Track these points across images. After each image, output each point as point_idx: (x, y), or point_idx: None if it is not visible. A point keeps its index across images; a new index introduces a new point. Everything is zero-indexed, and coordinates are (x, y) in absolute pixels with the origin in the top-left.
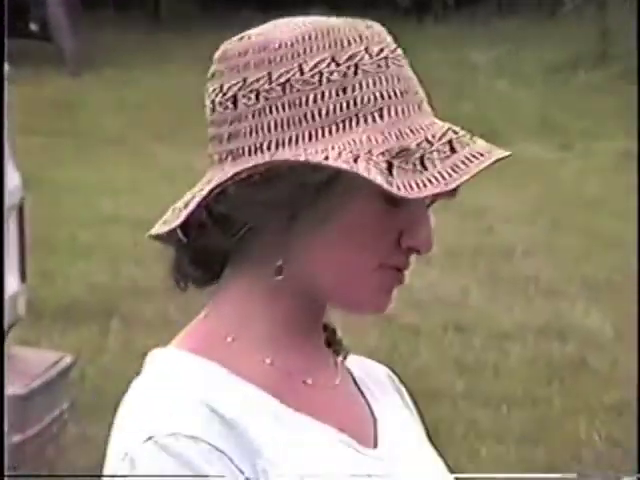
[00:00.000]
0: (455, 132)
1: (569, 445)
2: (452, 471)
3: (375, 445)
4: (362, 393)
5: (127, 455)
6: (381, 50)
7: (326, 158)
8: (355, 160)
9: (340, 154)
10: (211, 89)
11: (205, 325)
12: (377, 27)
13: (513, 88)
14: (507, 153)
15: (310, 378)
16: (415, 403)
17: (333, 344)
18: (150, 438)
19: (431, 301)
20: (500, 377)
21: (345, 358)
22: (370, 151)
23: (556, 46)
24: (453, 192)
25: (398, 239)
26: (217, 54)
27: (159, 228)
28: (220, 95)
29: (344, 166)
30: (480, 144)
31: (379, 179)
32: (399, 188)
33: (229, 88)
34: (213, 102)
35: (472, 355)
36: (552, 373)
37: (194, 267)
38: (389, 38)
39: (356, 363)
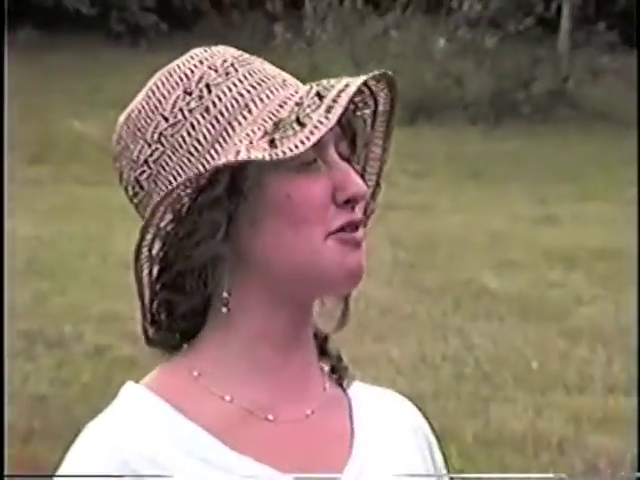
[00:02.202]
0: (319, 84)
1: None
2: None
3: None
4: (352, 425)
5: None
6: (224, 61)
7: (199, 174)
8: (236, 155)
9: (226, 159)
10: (119, 181)
11: (181, 359)
12: (217, 47)
13: None
14: (374, 73)
15: (272, 413)
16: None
17: (337, 371)
18: None
19: None
20: None
21: (346, 387)
22: (250, 142)
23: None
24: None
25: (333, 201)
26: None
27: None
28: (125, 184)
29: (221, 162)
30: (346, 79)
31: (260, 156)
32: (285, 152)
33: (128, 174)
34: (127, 188)
35: None
36: None
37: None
38: (231, 50)
39: (369, 394)
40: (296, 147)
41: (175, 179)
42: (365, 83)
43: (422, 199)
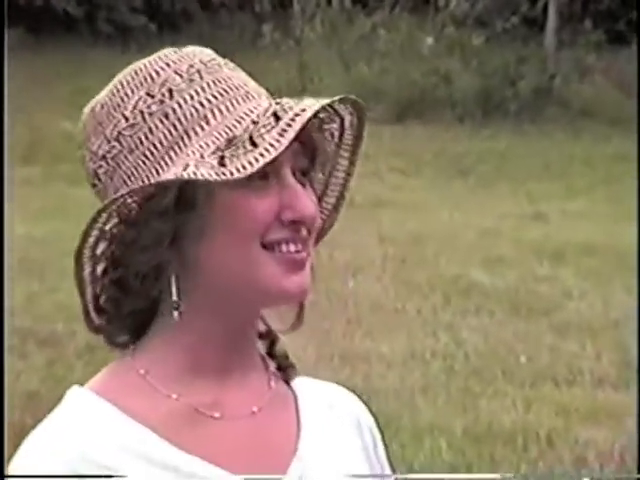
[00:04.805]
0: (278, 103)
1: None
2: None
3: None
4: (298, 421)
5: None
6: (191, 66)
7: (145, 186)
8: (185, 169)
9: (174, 172)
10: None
11: (127, 359)
12: (189, 48)
13: None
14: (333, 99)
15: (218, 411)
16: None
17: (283, 369)
18: None
19: None
20: None
21: (288, 383)
22: (202, 155)
23: (257, 78)
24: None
25: (278, 218)
26: None
27: None
28: (86, 173)
29: (169, 177)
30: (306, 102)
31: (206, 174)
32: (232, 173)
33: (87, 165)
34: (87, 177)
35: None
36: None
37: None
38: (204, 52)
39: (314, 389)
40: (244, 168)
41: (130, 179)
42: (325, 105)
43: (410, 196)
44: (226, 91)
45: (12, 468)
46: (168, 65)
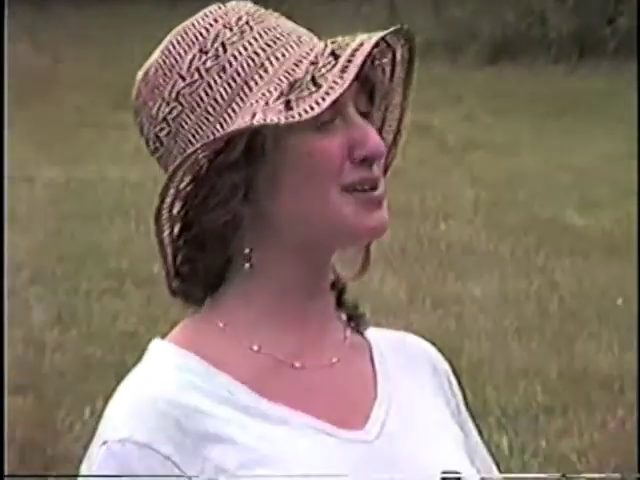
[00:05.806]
0: (334, 42)
1: None
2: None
3: (364, 425)
4: (374, 370)
5: (89, 456)
6: (239, 19)
7: (215, 138)
8: (253, 117)
9: (243, 122)
10: (139, 135)
11: (204, 313)
12: (232, 2)
13: None
14: (389, 30)
15: (299, 361)
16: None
17: (354, 319)
18: (105, 443)
19: None
20: None
21: (361, 333)
22: (266, 102)
23: (348, 22)
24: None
25: (350, 157)
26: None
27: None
28: (146, 140)
29: (239, 126)
30: (361, 37)
31: (275, 119)
32: (300, 115)
33: (148, 130)
34: (147, 145)
35: None
36: None
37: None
38: (248, 5)
39: (387, 338)
40: (311, 109)
41: (194, 137)
42: (382, 37)
43: (504, 138)
44: (278, 38)
45: (107, 421)
46: (216, 20)
